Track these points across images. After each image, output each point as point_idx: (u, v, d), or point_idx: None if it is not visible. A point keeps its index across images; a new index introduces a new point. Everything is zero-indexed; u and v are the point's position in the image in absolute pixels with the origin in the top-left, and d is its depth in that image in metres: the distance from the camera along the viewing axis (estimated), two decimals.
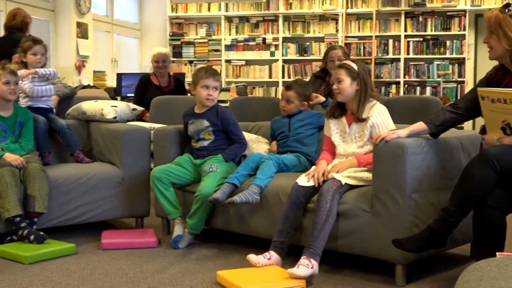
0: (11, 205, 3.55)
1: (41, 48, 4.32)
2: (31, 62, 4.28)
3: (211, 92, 3.86)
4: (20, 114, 3.99)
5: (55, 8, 8.77)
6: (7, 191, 3.56)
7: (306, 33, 10.28)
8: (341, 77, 3.37)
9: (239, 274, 3.05)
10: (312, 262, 2.98)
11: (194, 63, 10.63)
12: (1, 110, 3.94)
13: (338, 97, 3.42)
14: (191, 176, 3.86)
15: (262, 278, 3.02)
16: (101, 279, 3.11)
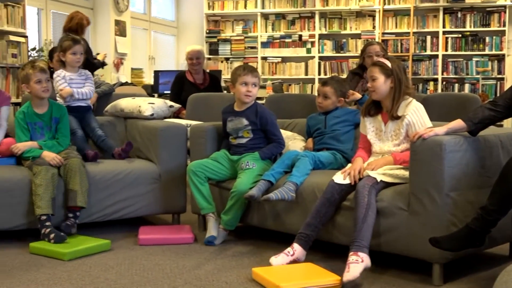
0: (43, 203, 3.60)
1: (80, 48, 4.35)
2: (70, 62, 4.33)
3: (250, 88, 3.86)
4: (55, 110, 4.04)
5: (94, 6, 8.89)
6: (42, 189, 3.61)
7: (343, 30, 10.22)
8: (375, 75, 3.35)
9: (274, 271, 3.05)
10: (360, 255, 2.95)
11: (230, 61, 10.66)
12: (36, 108, 4.00)
13: (372, 95, 3.40)
14: (227, 171, 3.87)
15: (298, 275, 3.02)
16: (138, 274, 3.15)
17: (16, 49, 6.32)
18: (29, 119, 3.98)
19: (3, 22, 6.17)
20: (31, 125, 3.98)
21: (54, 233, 3.54)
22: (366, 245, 3.00)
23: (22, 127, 3.95)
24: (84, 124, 4.32)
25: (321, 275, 2.99)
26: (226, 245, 3.71)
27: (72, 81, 4.33)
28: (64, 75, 4.31)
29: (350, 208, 3.20)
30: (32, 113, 3.98)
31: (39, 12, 7.88)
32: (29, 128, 3.97)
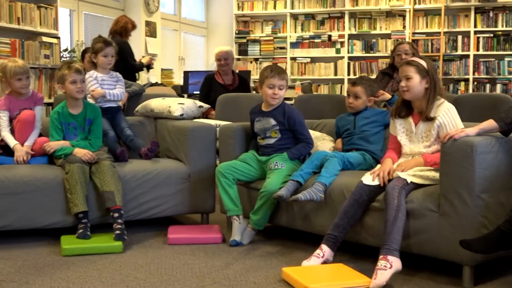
0: (79, 201, 3.65)
1: (112, 50, 4.39)
2: (101, 64, 4.37)
3: (276, 91, 3.86)
4: (89, 111, 4.09)
5: (125, 7, 8.98)
6: (76, 187, 3.66)
7: (373, 30, 10.15)
8: (409, 74, 3.31)
9: (304, 271, 3.05)
10: (390, 259, 2.93)
11: (259, 61, 10.67)
12: (71, 108, 4.05)
13: (405, 95, 3.36)
14: (256, 172, 3.88)
15: (327, 276, 3.02)
16: (167, 273, 3.17)
17: (49, 50, 6.41)
18: (63, 119, 4.03)
19: (36, 24, 6.26)
20: (65, 125, 4.03)
21: (82, 230, 3.59)
22: (397, 248, 2.98)
23: (56, 126, 4.01)
24: (114, 124, 4.37)
25: (350, 276, 2.98)
26: (254, 245, 3.72)
27: (103, 82, 4.38)
28: (96, 76, 4.36)
29: (379, 209, 3.18)
30: (66, 113, 4.04)
31: (71, 14, 7.98)
32: (62, 128, 4.03)
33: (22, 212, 3.68)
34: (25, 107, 4.10)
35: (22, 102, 4.11)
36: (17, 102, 4.10)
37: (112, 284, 2.99)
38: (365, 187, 3.25)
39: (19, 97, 4.12)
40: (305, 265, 3.18)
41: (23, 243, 3.73)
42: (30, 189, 3.69)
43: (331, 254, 3.23)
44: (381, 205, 3.16)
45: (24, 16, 6.08)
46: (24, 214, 3.69)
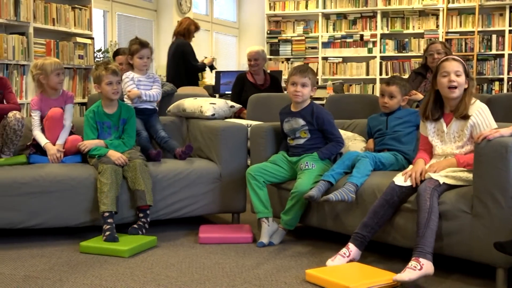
0: (108, 201, 3.68)
1: (147, 52, 4.44)
2: (137, 65, 4.43)
3: (299, 88, 3.86)
4: (124, 111, 4.14)
5: (157, 8, 9.05)
6: (107, 187, 3.70)
7: (405, 29, 10.07)
8: (460, 70, 3.26)
9: (331, 272, 3.04)
10: (421, 262, 2.90)
11: (291, 61, 10.66)
12: (106, 108, 4.10)
13: (455, 92, 3.26)
14: (286, 173, 3.88)
15: (359, 275, 3.00)
16: (198, 272, 3.19)
17: (83, 50, 6.50)
18: (98, 118, 4.08)
19: (71, 25, 6.35)
20: (100, 124, 4.08)
21: (109, 232, 3.61)
22: (429, 250, 2.94)
23: (91, 125, 4.06)
24: (148, 125, 4.41)
25: (377, 273, 2.97)
26: (285, 245, 3.72)
27: (140, 83, 4.43)
28: (132, 77, 4.41)
29: (411, 210, 3.16)
30: (101, 113, 4.09)
31: (105, 14, 8.08)
32: (97, 127, 4.08)
33: (56, 210, 3.73)
34: (56, 105, 4.15)
35: (53, 101, 4.17)
36: (49, 102, 4.16)
37: (144, 283, 3.02)
38: (397, 188, 3.23)
39: (51, 96, 4.18)
40: (330, 264, 3.17)
41: (57, 240, 3.79)
42: (63, 188, 3.74)
43: (358, 254, 3.21)
44: (413, 206, 3.13)
45: (59, 17, 6.17)
46: (58, 212, 3.74)
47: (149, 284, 3.00)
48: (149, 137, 4.36)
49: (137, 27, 8.66)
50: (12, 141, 3.91)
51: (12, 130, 3.86)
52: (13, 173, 3.72)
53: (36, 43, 5.83)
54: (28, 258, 3.43)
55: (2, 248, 3.62)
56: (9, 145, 3.92)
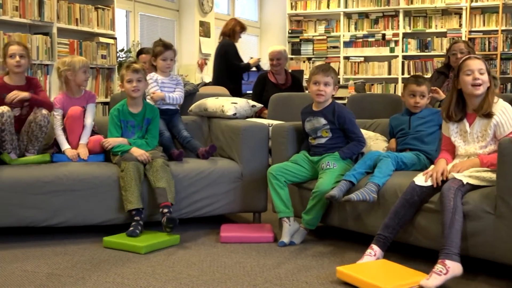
0: (134, 198, 3.71)
1: (171, 54, 4.46)
2: (160, 67, 4.45)
3: (321, 87, 3.85)
4: (148, 111, 4.16)
5: (179, 7, 9.09)
6: (131, 185, 3.73)
7: (428, 29, 10.01)
8: (483, 68, 3.24)
9: (362, 270, 3.03)
10: (447, 264, 2.86)
11: (312, 60, 10.65)
12: (131, 107, 4.13)
13: (479, 90, 3.24)
14: (307, 173, 3.87)
15: (391, 275, 2.97)
16: (220, 271, 3.20)
17: (106, 50, 6.55)
18: (123, 117, 4.11)
19: (94, 25, 6.40)
20: (124, 123, 4.11)
21: (132, 227, 3.65)
22: (455, 251, 2.91)
23: (115, 123, 4.09)
24: (171, 126, 4.43)
25: (409, 274, 2.96)
26: (306, 244, 3.72)
27: (163, 85, 4.45)
28: (156, 79, 4.44)
29: (433, 210, 3.13)
30: (126, 112, 4.12)
31: (127, 14, 8.13)
32: (121, 125, 4.11)
33: (79, 208, 3.77)
34: (78, 105, 4.19)
35: (76, 100, 4.20)
36: (72, 100, 4.19)
37: (166, 281, 3.03)
38: (417, 187, 3.21)
39: (74, 95, 4.21)
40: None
41: (80, 239, 3.82)
42: (86, 186, 3.78)
43: (381, 254, 3.20)
44: (435, 206, 3.11)
45: (82, 17, 6.23)
46: (81, 210, 3.78)
47: (170, 282, 3.02)
48: (171, 137, 4.38)
49: (159, 27, 8.70)
50: (37, 138, 3.95)
51: (38, 126, 3.90)
52: (37, 171, 3.76)
53: (60, 43, 5.88)
54: (51, 256, 3.46)
55: (26, 246, 3.66)
56: (34, 142, 3.96)
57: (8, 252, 3.53)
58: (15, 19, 5.35)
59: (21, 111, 4.02)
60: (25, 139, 3.96)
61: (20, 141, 3.97)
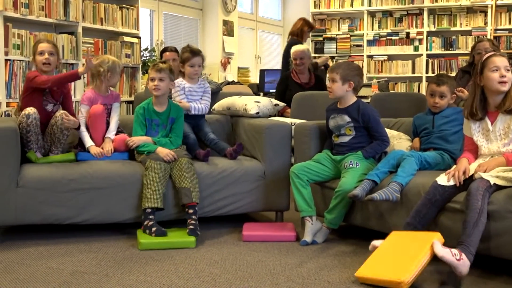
0: (154, 197, 3.72)
1: (199, 60, 4.43)
2: (188, 73, 4.42)
3: (329, 84, 3.88)
4: (173, 110, 4.17)
5: (203, 7, 9.12)
6: (153, 183, 3.75)
7: (452, 27, 9.92)
8: (508, 65, 3.21)
9: (378, 265, 3.01)
10: (462, 256, 2.86)
11: (335, 59, 10.61)
12: (156, 106, 4.15)
13: (505, 86, 3.22)
14: (330, 172, 3.87)
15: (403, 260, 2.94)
16: (242, 270, 3.21)
17: (130, 49, 6.59)
18: (148, 115, 4.14)
19: (118, 24, 6.45)
20: (148, 121, 4.13)
21: (155, 227, 3.66)
22: (473, 251, 2.90)
23: (141, 122, 4.12)
24: (197, 129, 4.41)
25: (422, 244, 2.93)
26: (328, 244, 3.71)
27: (190, 93, 4.42)
28: (183, 86, 4.41)
29: (456, 210, 3.11)
30: (151, 110, 4.14)
31: (151, 14, 8.18)
32: (146, 124, 4.13)
33: (103, 206, 3.80)
34: (106, 103, 4.22)
35: (103, 98, 4.22)
36: (100, 98, 4.22)
37: (188, 279, 3.05)
38: (439, 187, 3.19)
39: (103, 93, 4.24)
40: (376, 243, 3.15)
41: (103, 236, 3.86)
42: (111, 184, 3.81)
43: None
44: (459, 206, 3.08)
45: (107, 17, 6.28)
46: (105, 208, 3.81)
47: (192, 280, 3.03)
48: (196, 140, 4.36)
49: (183, 26, 8.74)
50: (60, 140, 3.99)
51: (59, 129, 3.93)
52: (62, 169, 3.80)
53: (85, 43, 5.94)
54: (76, 253, 3.50)
55: (51, 243, 3.70)
56: (57, 144, 4.00)
57: (33, 249, 3.58)
58: (41, 19, 5.41)
59: (53, 108, 4.08)
60: (48, 140, 4.01)
61: (45, 142, 4.02)
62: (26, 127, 3.80)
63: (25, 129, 3.81)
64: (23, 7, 5.21)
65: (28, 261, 3.34)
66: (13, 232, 3.90)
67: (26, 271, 3.17)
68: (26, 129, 3.81)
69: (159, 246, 3.57)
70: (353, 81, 3.87)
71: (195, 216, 3.74)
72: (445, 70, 9.82)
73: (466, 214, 2.98)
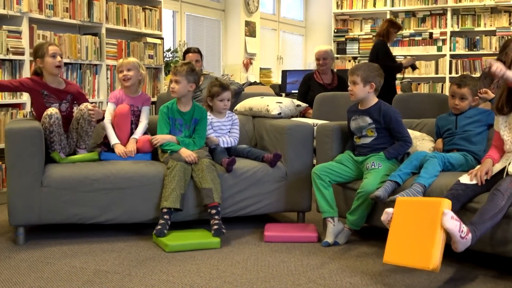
0: (173, 197, 3.74)
1: (228, 94, 4.36)
2: (216, 108, 4.37)
3: (350, 87, 3.86)
4: (197, 111, 4.19)
5: (225, 8, 9.14)
6: (173, 184, 3.77)
7: (476, 27, 9.83)
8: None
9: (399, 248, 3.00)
10: (468, 236, 2.86)
11: (358, 60, 10.57)
12: (180, 105, 4.17)
13: None
14: (352, 173, 3.86)
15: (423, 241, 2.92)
16: (263, 270, 3.21)
17: (153, 50, 6.63)
18: (172, 114, 4.16)
19: (141, 25, 6.49)
20: (172, 120, 4.16)
21: (161, 226, 3.68)
22: (478, 237, 2.90)
23: (165, 120, 4.14)
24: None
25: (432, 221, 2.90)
26: (350, 245, 3.70)
27: (219, 127, 4.37)
28: (211, 121, 4.33)
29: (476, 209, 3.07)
30: (175, 110, 4.17)
31: (174, 15, 8.21)
32: (170, 123, 4.16)
33: (126, 206, 3.83)
34: (133, 104, 4.26)
35: (131, 99, 4.26)
36: (127, 99, 4.25)
37: (210, 279, 3.06)
38: (462, 184, 3.18)
39: (129, 93, 4.28)
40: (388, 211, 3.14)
41: (126, 236, 3.89)
42: (134, 184, 3.83)
43: None
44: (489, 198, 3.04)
45: (130, 18, 6.32)
46: (128, 208, 3.84)
47: (214, 280, 3.04)
48: (225, 149, 4.29)
49: (205, 27, 8.77)
50: (87, 133, 4.02)
51: (86, 121, 3.98)
52: (85, 169, 3.84)
53: (108, 43, 5.99)
54: (99, 253, 3.53)
55: (74, 242, 3.74)
56: (84, 137, 4.03)
57: (57, 248, 3.62)
58: (65, 20, 5.46)
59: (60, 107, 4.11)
60: (74, 136, 4.04)
61: (70, 139, 4.05)
62: (49, 127, 3.85)
63: (48, 130, 3.85)
64: (48, 8, 5.27)
65: (52, 260, 3.38)
66: (38, 232, 3.94)
67: (50, 269, 3.20)
68: (49, 130, 3.85)
69: (186, 248, 3.58)
70: (374, 82, 3.85)
71: (218, 216, 3.75)
72: (468, 71, 9.73)
73: (488, 204, 2.98)
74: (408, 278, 3.08)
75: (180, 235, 3.70)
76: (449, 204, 2.91)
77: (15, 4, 4.92)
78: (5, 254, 3.48)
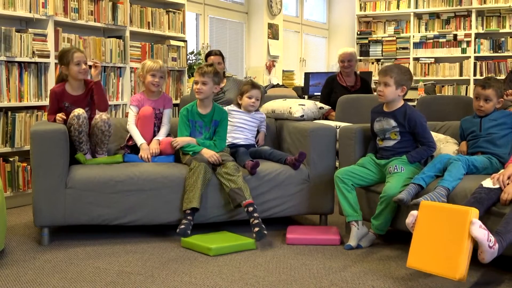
0: (195, 198, 3.76)
1: (257, 93, 4.45)
2: (245, 104, 4.44)
3: (381, 88, 3.82)
4: (217, 113, 4.20)
5: (248, 10, 9.15)
6: (196, 185, 3.79)
7: (501, 29, 9.73)
8: None
9: (424, 253, 2.99)
10: (495, 246, 2.83)
11: (381, 62, 10.52)
12: (200, 108, 4.19)
13: None
14: (375, 176, 3.84)
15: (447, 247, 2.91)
16: (285, 273, 3.21)
17: (176, 53, 6.66)
18: (192, 116, 4.18)
19: (165, 28, 6.52)
20: (192, 123, 4.18)
21: (184, 226, 3.70)
22: (504, 247, 2.87)
23: (184, 122, 4.17)
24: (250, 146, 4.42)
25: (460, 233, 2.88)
26: (373, 248, 3.68)
27: (238, 122, 4.43)
28: (233, 114, 4.43)
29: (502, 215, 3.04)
30: (195, 112, 4.19)
31: (197, 18, 8.25)
32: (190, 125, 4.18)
33: (149, 208, 3.86)
34: (155, 106, 4.28)
35: (152, 102, 4.29)
36: (148, 102, 4.28)
37: (232, 281, 3.07)
38: (485, 188, 3.15)
39: (151, 96, 4.31)
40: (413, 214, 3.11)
41: (149, 237, 3.91)
42: (157, 186, 3.86)
43: None
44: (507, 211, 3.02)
45: (154, 21, 6.36)
46: (152, 210, 3.86)
47: (236, 282, 3.05)
48: (247, 151, 4.31)
49: (228, 30, 8.79)
50: (102, 141, 4.06)
51: (100, 131, 4.01)
52: (109, 171, 3.87)
53: (132, 46, 6.03)
54: (122, 254, 3.56)
55: (98, 243, 3.77)
56: (101, 145, 4.08)
57: (81, 249, 3.65)
58: (90, 23, 5.51)
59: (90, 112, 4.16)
60: (93, 142, 4.09)
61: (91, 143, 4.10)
62: (78, 128, 3.89)
63: (77, 130, 3.90)
64: (73, 12, 5.32)
65: (75, 261, 3.41)
66: (62, 232, 3.98)
67: (73, 270, 3.23)
68: (78, 130, 3.90)
69: (228, 250, 3.59)
70: (406, 85, 3.83)
71: (257, 214, 3.76)
72: (493, 73, 9.63)
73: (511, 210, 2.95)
74: (431, 282, 3.06)
75: (214, 238, 3.71)
76: (477, 213, 2.88)
77: (41, 8, 4.98)
78: (30, 255, 3.52)
